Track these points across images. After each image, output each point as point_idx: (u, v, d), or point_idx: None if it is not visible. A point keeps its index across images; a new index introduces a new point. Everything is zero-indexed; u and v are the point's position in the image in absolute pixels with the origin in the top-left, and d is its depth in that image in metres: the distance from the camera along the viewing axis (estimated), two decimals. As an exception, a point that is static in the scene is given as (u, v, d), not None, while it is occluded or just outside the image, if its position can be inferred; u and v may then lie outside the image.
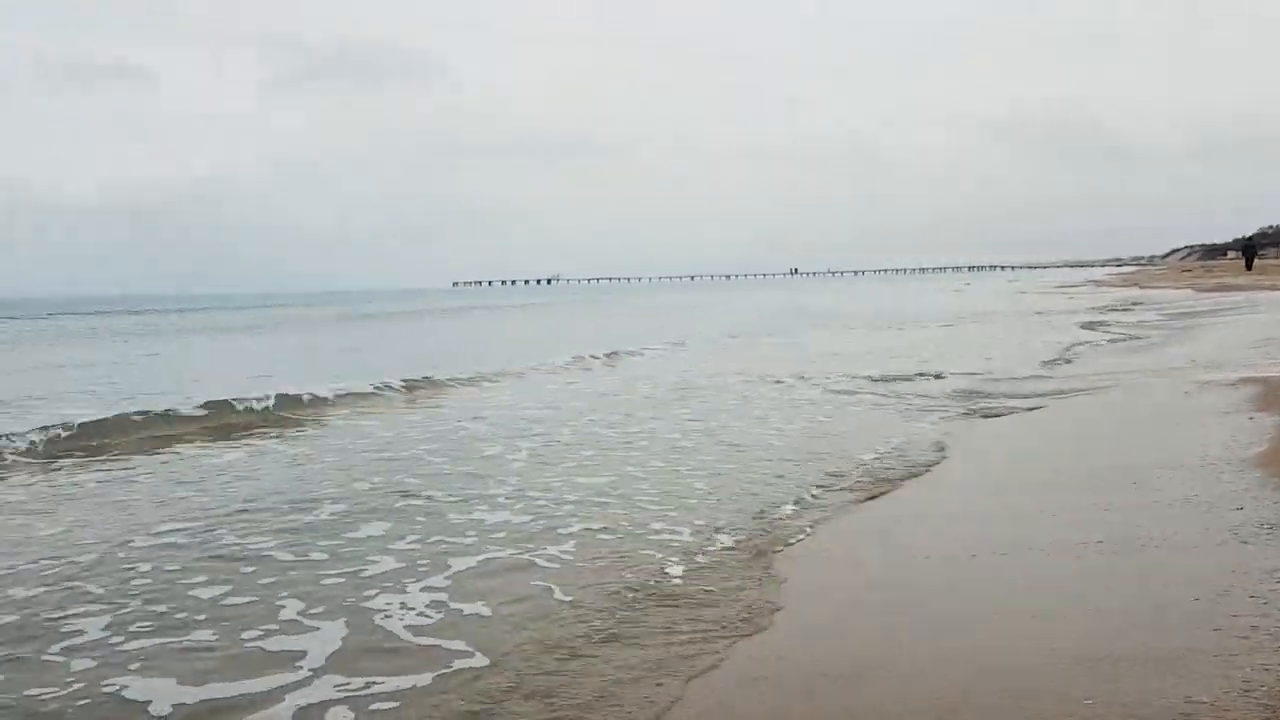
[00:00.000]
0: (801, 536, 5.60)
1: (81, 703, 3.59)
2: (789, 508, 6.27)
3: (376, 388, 12.92)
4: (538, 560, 5.30)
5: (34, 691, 3.68)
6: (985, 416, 9.71)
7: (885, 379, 13.16)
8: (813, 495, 6.61)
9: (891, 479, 7.03)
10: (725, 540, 5.55)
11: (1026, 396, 10.80)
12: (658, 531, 5.79)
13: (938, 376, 13.30)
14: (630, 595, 4.65)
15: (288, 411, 11.26)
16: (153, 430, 10.05)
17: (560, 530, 5.89)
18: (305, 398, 11.81)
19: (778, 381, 13.44)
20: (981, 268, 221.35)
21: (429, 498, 6.84)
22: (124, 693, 3.65)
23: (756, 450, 8.38)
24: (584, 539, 5.69)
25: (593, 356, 18.01)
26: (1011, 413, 9.84)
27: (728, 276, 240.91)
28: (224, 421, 10.60)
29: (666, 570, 5.02)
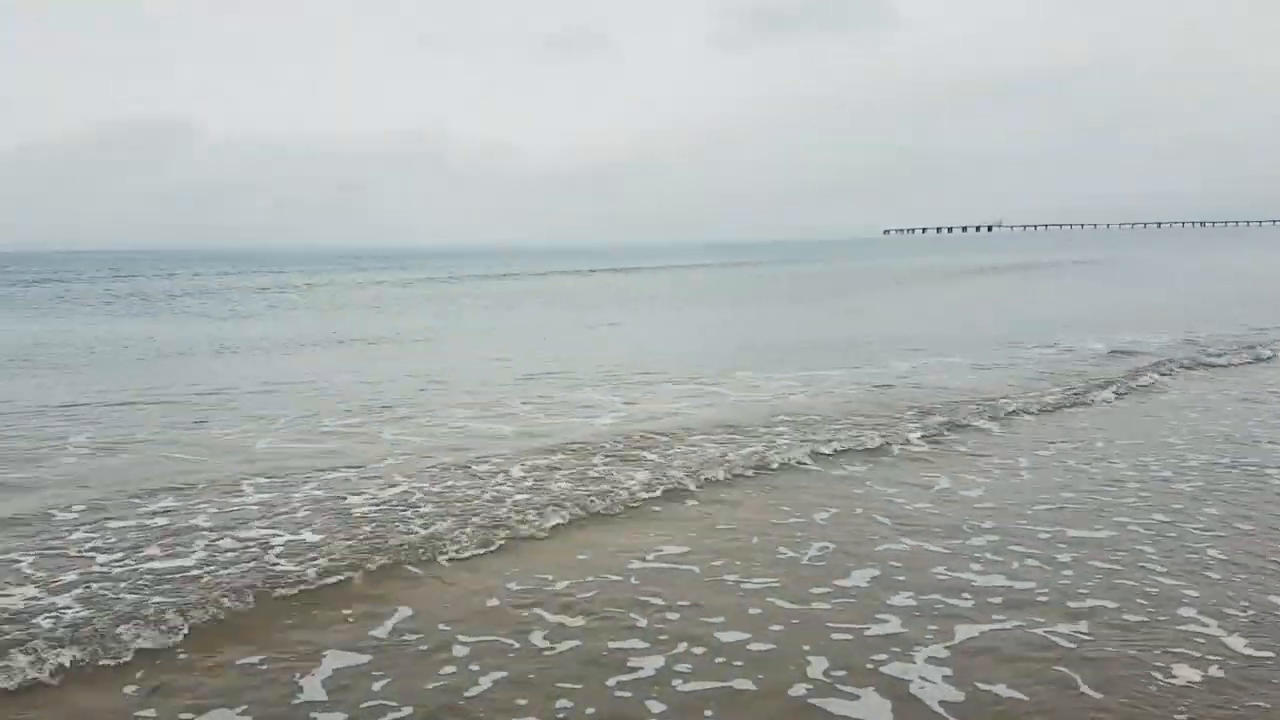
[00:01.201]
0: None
1: None
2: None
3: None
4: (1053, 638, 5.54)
5: None
6: None
7: None
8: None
9: None
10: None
11: None
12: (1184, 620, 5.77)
13: None
14: (1173, 699, 4.76)
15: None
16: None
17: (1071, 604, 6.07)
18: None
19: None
20: None
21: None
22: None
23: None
24: (1097, 617, 5.82)
25: None
26: None
27: (1227, 223, 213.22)
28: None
29: (1204, 673, 5.05)
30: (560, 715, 4.77)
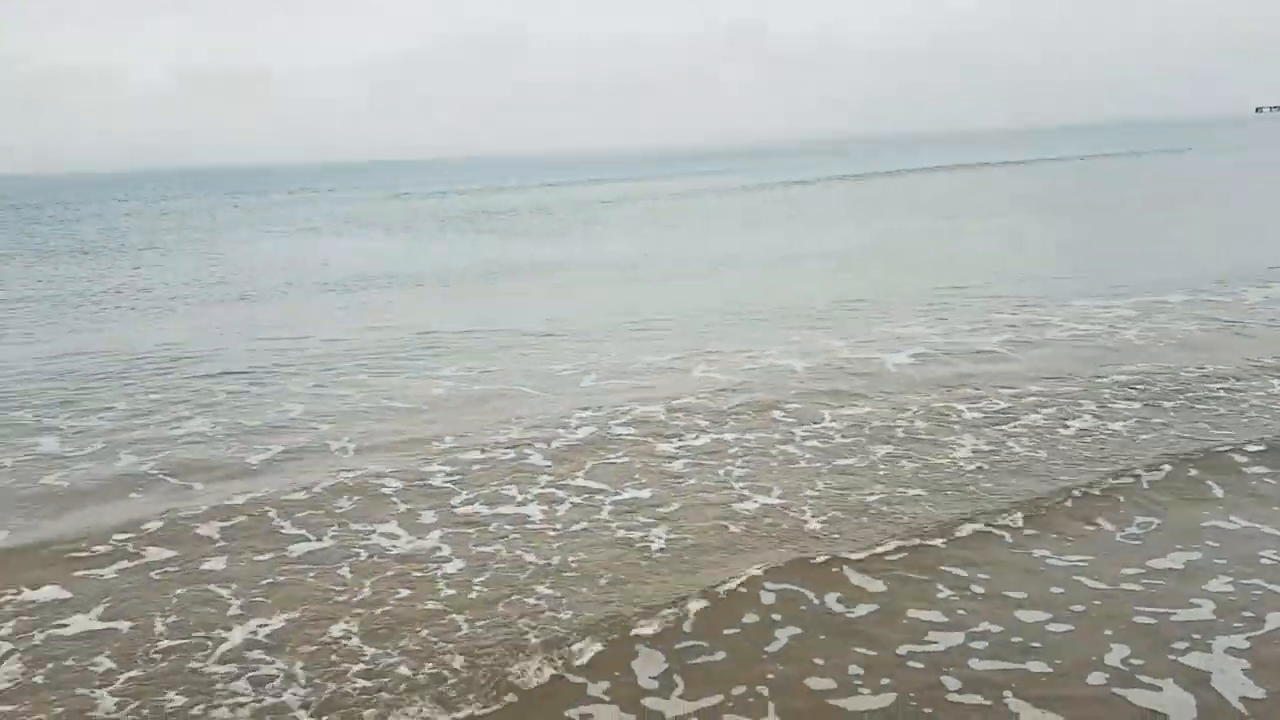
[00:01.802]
0: None
1: None
2: None
3: None
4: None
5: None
6: None
7: None
8: None
9: None
10: None
11: None
12: None
13: None
14: None
15: None
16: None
17: None
18: None
19: None
20: None
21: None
22: None
23: None
24: None
25: None
26: None
27: None
28: None
29: None
30: (855, 680, 5.24)
